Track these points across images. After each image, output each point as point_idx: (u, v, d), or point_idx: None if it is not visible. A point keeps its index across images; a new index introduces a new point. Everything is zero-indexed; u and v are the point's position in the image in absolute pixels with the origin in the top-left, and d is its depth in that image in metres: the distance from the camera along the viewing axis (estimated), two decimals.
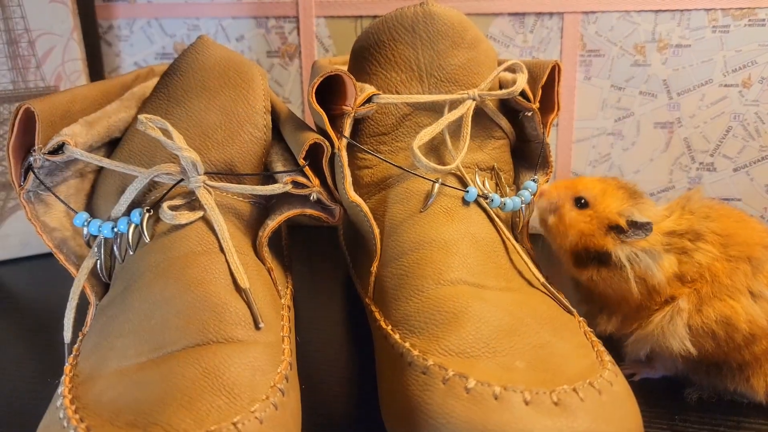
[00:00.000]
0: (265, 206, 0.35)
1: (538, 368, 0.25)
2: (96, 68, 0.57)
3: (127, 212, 0.31)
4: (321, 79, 0.33)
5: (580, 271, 0.34)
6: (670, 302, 0.32)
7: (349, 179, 0.34)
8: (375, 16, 0.53)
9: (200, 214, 0.31)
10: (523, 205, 0.35)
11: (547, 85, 0.37)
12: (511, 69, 0.38)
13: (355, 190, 0.35)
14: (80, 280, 0.30)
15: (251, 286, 0.29)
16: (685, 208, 0.34)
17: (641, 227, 0.32)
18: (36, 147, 0.30)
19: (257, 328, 0.27)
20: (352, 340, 0.40)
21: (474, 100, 0.34)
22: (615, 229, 0.33)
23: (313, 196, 0.33)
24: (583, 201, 0.34)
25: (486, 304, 0.28)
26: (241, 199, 0.33)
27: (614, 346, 0.35)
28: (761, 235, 0.33)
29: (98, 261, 0.31)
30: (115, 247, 0.31)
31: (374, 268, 0.33)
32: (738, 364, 0.32)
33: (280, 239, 0.43)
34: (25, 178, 0.31)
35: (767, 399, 0.32)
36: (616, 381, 0.26)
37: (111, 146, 0.35)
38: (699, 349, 0.31)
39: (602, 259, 0.33)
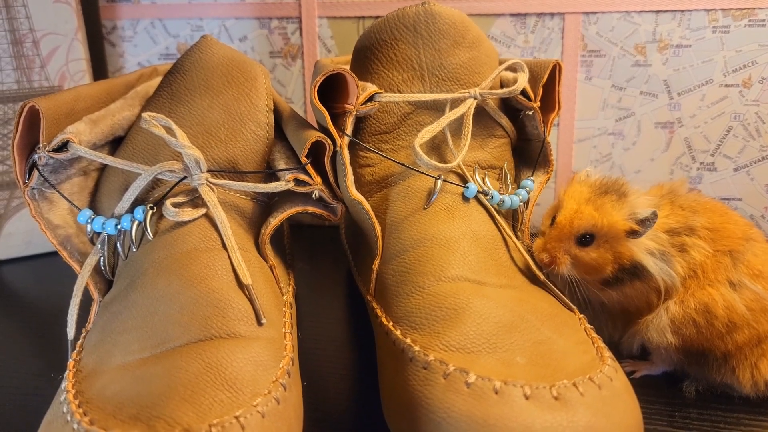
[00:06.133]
0: (267, 204, 0.35)
1: (538, 364, 0.26)
2: (100, 68, 0.57)
3: (131, 209, 0.31)
4: (323, 77, 0.33)
5: (612, 291, 0.33)
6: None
7: (350, 177, 0.34)
8: (377, 17, 0.53)
9: (203, 211, 0.31)
10: (521, 204, 0.35)
11: (548, 84, 0.37)
12: (512, 68, 0.38)
13: (357, 188, 0.35)
14: (83, 276, 0.31)
15: (253, 282, 0.29)
16: (674, 203, 0.34)
17: (649, 220, 0.32)
18: (40, 145, 0.30)
19: (259, 323, 0.28)
20: (353, 337, 0.40)
21: (475, 98, 0.35)
22: (630, 234, 0.32)
23: (315, 194, 0.34)
24: (587, 237, 0.33)
25: (486, 301, 0.28)
26: (243, 196, 0.33)
27: (614, 343, 0.35)
28: (742, 228, 0.33)
29: (101, 258, 0.32)
30: (118, 244, 0.31)
31: (375, 265, 0.33)
32: (722, 354, 0.32)
33: (282, 237, 0.43)
34: (29, 176, 0.31)
35: (754, 392, 0.32)
36: (616, 376, 0.26)
37: (114, 144, 0.36)
38: (681, 337, 0.32)
39: (636, 272, 0.32)
